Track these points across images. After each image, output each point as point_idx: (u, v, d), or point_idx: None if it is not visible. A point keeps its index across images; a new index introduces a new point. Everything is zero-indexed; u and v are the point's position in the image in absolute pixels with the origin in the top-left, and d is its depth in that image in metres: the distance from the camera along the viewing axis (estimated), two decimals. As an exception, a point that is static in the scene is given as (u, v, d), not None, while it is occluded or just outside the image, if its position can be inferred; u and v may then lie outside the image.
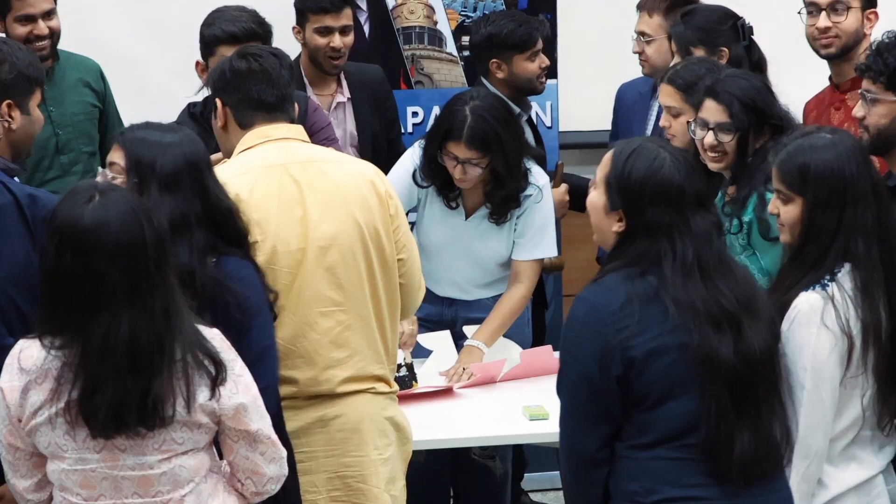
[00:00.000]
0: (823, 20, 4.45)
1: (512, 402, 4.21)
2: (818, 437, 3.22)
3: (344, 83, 5.16)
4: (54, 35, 4.81)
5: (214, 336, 3.02)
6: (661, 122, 4.22)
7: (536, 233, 4.56)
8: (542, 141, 5.10)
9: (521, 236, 4.57)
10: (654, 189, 3.05)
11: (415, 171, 4.51)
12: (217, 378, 2.96)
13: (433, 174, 4.51)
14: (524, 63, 4.95)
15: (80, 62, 5.03)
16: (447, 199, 4.57)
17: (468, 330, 4.46)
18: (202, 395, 2.96)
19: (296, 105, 3.68)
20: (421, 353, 4.48)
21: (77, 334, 2.93)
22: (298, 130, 3.64)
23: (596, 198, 3.11)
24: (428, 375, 4.38)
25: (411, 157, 4.58)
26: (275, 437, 3.07)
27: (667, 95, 4.18)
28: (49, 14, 4.79)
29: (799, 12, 4.47)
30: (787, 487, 3.19)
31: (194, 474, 3.01)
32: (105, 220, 2.91)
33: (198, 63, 4.55)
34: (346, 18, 5.01)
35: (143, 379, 2.91)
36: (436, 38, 5.58)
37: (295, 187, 3.54)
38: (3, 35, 4.69)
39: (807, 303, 3.20)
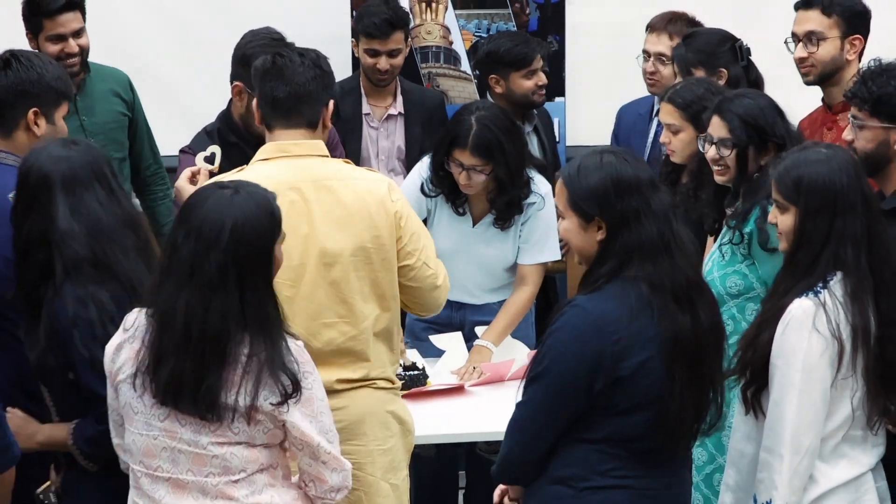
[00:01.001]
0: (800, 50, 4.47)
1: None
2: (809, 435, 3.26)
3: (399, 98, 5.24)
4: (84, 52, 4.87)
5: (300, 349, 3.03)
6: (662, 139, 4.26)
7: (540, 238, 4.62)
8: (554, 147, 5.17)
9: (526, 241, 4.63)
10: (614, 184, 3.11)
11: (423, 183, 4.56)
12: (291, 394, 2.97)
13: (440, 181, 4.56)
14: (520, 80, 5.03)
15: (109, 73, 5.08)
16: (455, 206, 4.61)
17: (479, 330, 4.54)
18: (267, 399, 2.95)
19: (328, 108, 3.64)
20: (434, 352, 4.51)
21: (157, 300, 2.97)
22: (317, 146, 3.62)
23: (568, 224, 3.14)
24: (440, 374, 4.42)
25: (419, 170, 4.64)
26: (337, 452, 3.06)
27: (667, 114, 4.23)
28: (78, 33, 4.84)
29: (786, 41, 4.52)
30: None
31: (246, 465, 3.01)
32: (204, 204, 2.96)
33: (236, 86, 4.37)
34: (394, 43, 5.10)
35: (198, 365, 2.92)
36: (451, 58, 5.67)
37: (304, 206, 3.55)
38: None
39: (800, 308, 3.26)
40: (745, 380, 3.36)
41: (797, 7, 4.47)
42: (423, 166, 4.62)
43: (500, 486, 3.34)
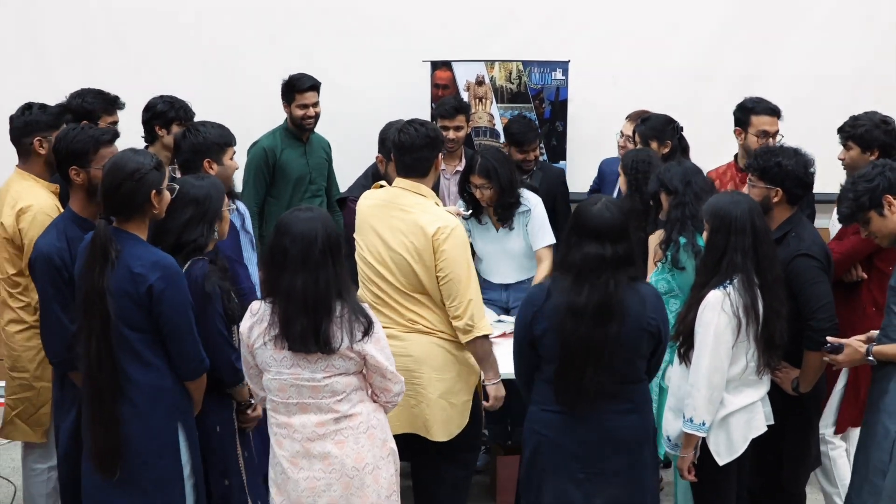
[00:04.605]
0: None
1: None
2: (717, 376, 3.56)
3: (463, 160, 5.49)
4: (317, 116, 5.46)
5: (366, 307, 3.34)
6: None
7: (539, 230, 4.97)
8: (556, 192, 5.41)
9: (531, 234, 4.99)
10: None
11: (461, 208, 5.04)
12: (368, 330, 3.26)
13: (467, 200, 4.99)
14: (515, 152, 5.31)
15: (321, 138, 5.64)
16: (478, 217, 5.01)
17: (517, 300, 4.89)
18: (356, 338, 3.24)
19: (438, 159, 4.01)
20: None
21: (276, 289, 3.20)
22: (417, 185, 4.00)
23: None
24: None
25: (459, 204, 5.08)
26: (395, 370, 3.34)
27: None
28: (316, 104, 5.43)
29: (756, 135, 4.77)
30: (631, 405, 3.41)
31: (345, 388, 3.30)
32: (301, 218, 3.18)
33: (378, 156, 4.93)
34: (458, 121, 5.39)
35: (314, 321, 3.16)
36: (494, 134, 5.85)
37: (385, 215, 3.93)
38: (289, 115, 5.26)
39: (713, 296, 3.57)
40: (679, 342, 3.65)
41: (768, 113, 4.73)
42: (460, 202, 5.07)
43: None
